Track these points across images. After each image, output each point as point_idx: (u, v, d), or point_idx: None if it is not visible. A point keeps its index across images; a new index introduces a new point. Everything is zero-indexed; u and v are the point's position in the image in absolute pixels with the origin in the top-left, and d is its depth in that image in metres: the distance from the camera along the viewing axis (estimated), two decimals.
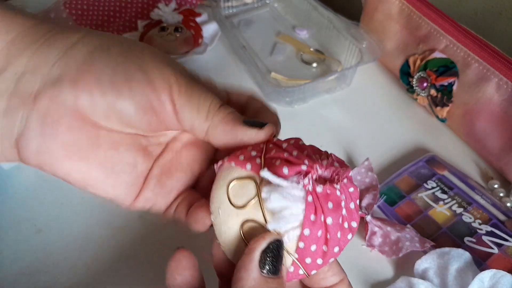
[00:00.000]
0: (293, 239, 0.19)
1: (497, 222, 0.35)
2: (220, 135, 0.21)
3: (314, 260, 0.19)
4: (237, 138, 0.21)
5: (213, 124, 0.21)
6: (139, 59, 0.21)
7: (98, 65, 0.20)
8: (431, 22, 0.42)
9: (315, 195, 0.18)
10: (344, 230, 0.19)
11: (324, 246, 0.19)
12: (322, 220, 0.18)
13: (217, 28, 0.51)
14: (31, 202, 0.36)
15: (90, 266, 0.32)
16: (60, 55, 0.20)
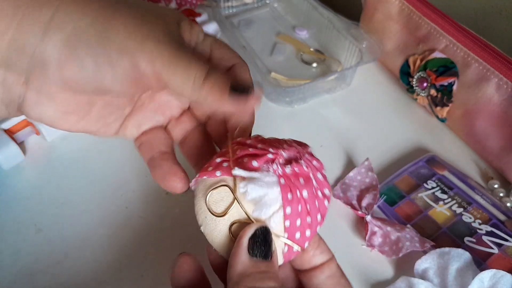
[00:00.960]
0: (278, 221, 0.20)
1: (497, 222, 0.35)
2: (209, 104, 0.22)
3: (303, 233, 0.21)
4: (225, 107, 0.22)
5: (200, 96, 0.22)
6: (118, 38, 0.21)
7: (78, 52, 0.21)
8: (431, 22, 0.42)
9: (286, 176, 0.20)
10: (319, 199, 0.21)
11: (308, 218, 0.21)
12: (299, 195, 0.20)
13: (217, 28, 0.51)
14: (31, 202, 0.36)
15: (90, 266, 0.32)
16: (39, 39, 0.20)
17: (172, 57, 0.22)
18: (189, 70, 0.22)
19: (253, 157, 0.21)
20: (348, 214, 0.36)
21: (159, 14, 0.23)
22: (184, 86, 0.22)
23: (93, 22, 0.21)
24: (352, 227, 0.35)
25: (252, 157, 0.21)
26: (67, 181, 0.37)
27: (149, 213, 0.35)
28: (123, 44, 0.21)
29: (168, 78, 0.22)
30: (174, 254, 0.33)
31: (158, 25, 0.22)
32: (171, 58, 0.21)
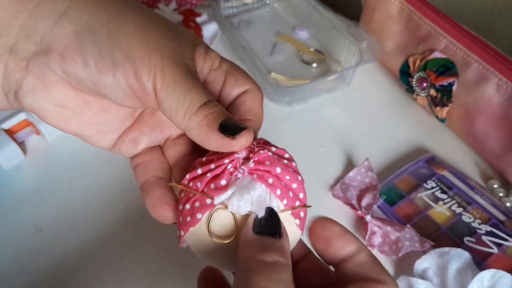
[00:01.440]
0: (277, 206, 0.21)
1: (496, 222, 0.35)
2: (194, 138, 0.22)
3: (298, 198, 0.22)
4: (210, 145, 0.21)
5: (188, 126, 0.21)
6: (126, 44, 0.21)
7: (85, 46, 0.21)
8: (431, 22, 0.42)
9: (254, 169, 0.21)
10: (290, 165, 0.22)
11: (293, 185, 0.22)
12: (275, 174, 0.21)
13: (217, 28, 0.51)
14: (31, 202, 0.36)
15: (90, 265, 0.32)
16: (50, 27, 0.20)
17: (173, 78, 0.21)
18: (186, 97, 0.21)
19: (217, 178, 0.21)
20: (348, 214, 0.36)
21: (176, 33, 0.23)
22: (175, 112, 0.21)
23: (107, 23, 0.21)
24: (352, 227, 0.35)
25: (215, 178, 0.21)
26: (67, 181, 0.37)
27: (149, 213, 0.35)
28: (130, 51, 0.21)
29: (162, 99, 0.21)
30: (175, 253, 0.33)
31: (171, 42, 0.22)
32: (171, 80, 0.21)
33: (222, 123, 0.21)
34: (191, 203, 0.22)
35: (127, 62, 0.21)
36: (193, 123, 0.21)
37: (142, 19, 0.22)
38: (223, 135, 0.21)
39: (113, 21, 0.21)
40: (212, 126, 0.21)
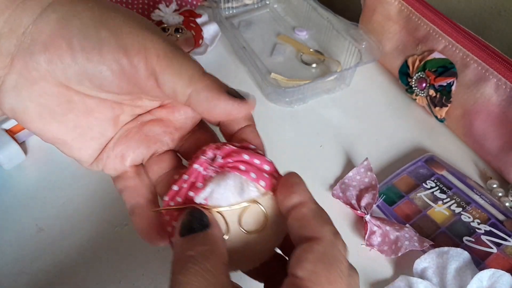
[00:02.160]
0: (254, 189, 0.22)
1: (495, 221, 0.35)
2: (203, 101, 0.21)
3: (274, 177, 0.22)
4: (220, 106, 0.21)
5: (196, 89, 0.21)
6: (112, 24, 0.21)
7: (69, 30, 0.20)
8: (430, 22, 0.42)
9: (224, 164, 0.22)
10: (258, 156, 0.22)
11: (265, 166, 0.22)
12: (244, 161, 0.22)
13: (218, 29, 0.51)
14: (32, 201, 0.36)
15: (91, 265, 0.32)
16: (33, 19, 0.20)
17: (168, 49, 0.21)
18: (189, 64, 0.21)
19: (193, 185, 0.22)
20: (347, 213, 0.36)
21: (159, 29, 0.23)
22: (179, 79, 0.21)
23: (91, 9, 0.21)
24: (351, 226, 0.35)
25: (192, 186, 0.22)
26: (68, 180, 0.37)
27: None
28: (117, 29, 0.20)
29: (160, 69, 0.20)
30: None
31: (155, 27, 0.22)
32: (167, 50, 0.21)
33: (229, 89, 0.21)
34: (176, 220, 0.22)
35: (114, 39, 0.20)
36: (202, 85, 0.21)
37: (126, 11, 0.22)
38: (234, 97, 0.21)
39: (97, 8, 0.21)
40: (222, 89, 0.21)
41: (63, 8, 0.20)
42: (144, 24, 0.21)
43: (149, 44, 0.20)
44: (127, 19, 0.21)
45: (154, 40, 0.21)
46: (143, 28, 0.21)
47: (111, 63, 0.21)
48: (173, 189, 0.22)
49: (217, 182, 0.21)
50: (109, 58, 0.20)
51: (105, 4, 0.21)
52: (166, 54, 0.21)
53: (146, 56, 0.20)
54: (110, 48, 0.20)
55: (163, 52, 0.20)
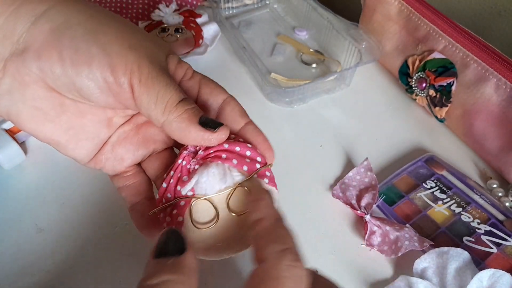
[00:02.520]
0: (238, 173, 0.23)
1: (495, 221, 0.35)
2: (175, 130, 0.22)
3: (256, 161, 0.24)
4: (190, 137, 0.22)
5: (168, 120, 0.22)
6: (104, 40, 0.21)
7: (61, 42, 0.21)
8: (430, 22, 0.42)
9: (205, 156, 0.23)
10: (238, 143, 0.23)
11: (247, 152, 0.23)
12: (225, 149, 0.23)
13: (218, 29, 0.51)
14: (32, 202, 0.36)
15: (91, 265, 0.32)
16: (27, 27, 0.21)
17: (151, 75, 0.21)
18: (165, 92, 0.21)
19: (179, 179, 0.23)
20: (347, 213, 0.36)
21: (151, 39, 0.23)
22: (154, 107, 0.21)
23: (85, 22, 0.21)
24: (351, 226, 0.35)
25: (177, 181, 0.23)
26: (68, 180, 0.37)
27: None
28: (107, 47, 0.21)
29: (140, 94, 0.21)
30: None
31: (147, 44, 0.22)
32: (149, 76, 0.21)
33: (202, 118, 0.22)
34: (170, 215, 0.23)
35: (104, 56, 0.21)
36: (174, 116, 0.22)
37: (120, 23, 0.22)
38: (204, 129, 0.22)
39: (91, 21, 0.21)
40: (193, 120, 0.22)
41: (58, 18, 0.21)
42: (134, 44, 0.22)
43: (134, 67, 0.21)
44: (118, 37, 0.22)
45: (140, 64, 0.21)
46: (132, 49, 0.21)
47: (99, 80, 0.21)
48: (162, 186, 0.23)
49: (200, 172, 0.22)
50: (97, 74, 0.21)
51: (99, 17, 0.22)
52: (147, 80, 0.21)
53: (131, 78, 0.21)
54: (99, 65, 0.21)
55: (144, 78, 0.21)
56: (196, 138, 0.22)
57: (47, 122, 0.23)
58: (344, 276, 0.32)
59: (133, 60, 0.21)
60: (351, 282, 0.32)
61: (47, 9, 0.21)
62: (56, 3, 0.21)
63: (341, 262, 0.33)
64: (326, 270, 0.32)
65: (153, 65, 0.22)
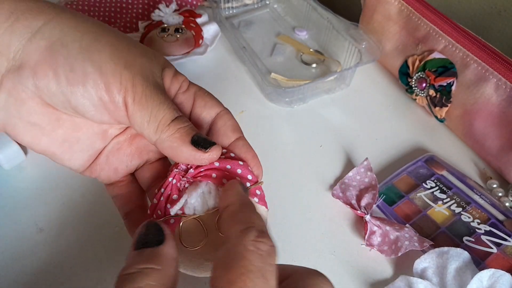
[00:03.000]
0: None
1: (495, 221, 0.35)
2: (166, 150, 0.22)
3: (247, 179, 0.23)
4: (182, 156, 0.22)
5: (160, 139, 0.22)
6: (99, 58, 0.21)
7: (56, 60, 0.21)
8: (430, 22, 0.42)
9: (196, 175, 0.23)
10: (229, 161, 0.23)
11: (238, 170, 0.23)
12: (215, 168, 0.23)
13: (218, 29, 0.51)
14: (33, 202, 0.36)
15: (92, 265, 0.32)
16: (23, 44, 0.21)
17: (144, 94, 0.22)
18: (158, 112, 0.22)
19: (169, 199, 0.23)
20: (347, 213, 0.36)
21: (147, 54, 0.23)
22: (147, 126, 0.22)
23: (80, 40, 0.21)
24: (351, 226, 0.35)
25: (167, 199, 0.23)
26: (68, 180, 0.37)
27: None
28: (102, 65, 0.21)
29: (134, 112, 0.22)
30: None
31: (141, 61, 0.23)
32: (143, 94, 0.22)
33: (194, 137, 0.22)
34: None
35: (98, 75, 0.21)
36: (166, 136, 0.22)
37: (115, 39, 0.22)
38: (196, 148, 0.22)
39: (86, 38, 0.22)
40: (185, 140, 0.22)
41: (53, 35, 0.21)
42: (129, 61, 0.22)
43: (129, 86, 0.21)
44: (113, 54, 0.22)
45: (135, 82, 0.22)
46: (127, 67, 0.22)
47: (94, 98, 0.22)
48: (153, 202, 0.23)
49: (189, 192, 0.22)
50: (92, 93, 0.21)
51: (94, 32, 0.22)
52: (141, 99, 0.22)
53: (125, 96, 0.22)
54: (94, 84, 0.21)
55: (138, 96, 0.22)
56: (188, 157, 0.22)
57: (43, 136, 0.23)
58: (344, 276, 0.32)
59: (128, 78, 0.21)
60: (351, 282, 0.32)
61: (42, 25, 0.21)
62: (51, 18, 0.21)
63: (341, 262, 0.33)
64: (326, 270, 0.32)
65: (147, 83, 0.22)
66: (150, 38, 0.48)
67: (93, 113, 0.22)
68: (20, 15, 0.21)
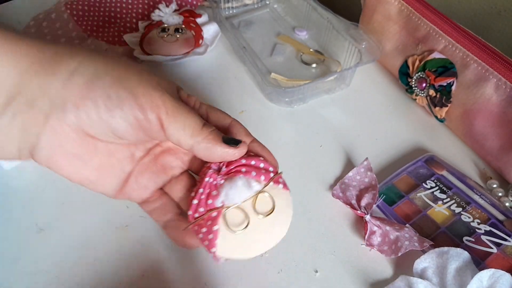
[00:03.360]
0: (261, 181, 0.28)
1: (495, 221, 0.35)
2: (203, 150, 0.26)
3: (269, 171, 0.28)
4: (217, 154, 0.26)
5: (196, 142, 0.26)
6: (129, 85, 0.25)
7: (94, 91, 0.24)
8: (430, 22, 0.42)
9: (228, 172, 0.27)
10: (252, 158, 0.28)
11: (261, 164, 0.28)
12: (243, 164, 0.27)
13: (218, 29, 0.51)
14: (33, 202, 0.36)
15: (91, 265, 0.32)
16: (63, 83, 0.24)
17: (175, 107, 0.25)
18: (190, 120, 0.26)
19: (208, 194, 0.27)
20: (347, 213, 0.36)
21: (165, 80, 0.27)
22: (183, 133, 0.25)
23: (110, 70, 0.25)
24: (351, 226, 0.35)
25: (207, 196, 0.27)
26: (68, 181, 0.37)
27: None
28: (133, 89, 0.25)
29: (168, 124, 0.25)
30: (175, 253, 0.33)
31: (163, 84, 0.27)
32: (174, 108, 0.25)
33: (224, 138, 0.26)
34: (205, 226, 0.27)
35: (132, 98, 0.25)
36: (201, 138, 0.26)
37: (139, 70, 0.26)
38: (228, 146, 0.26)
39: (116, 70, 0.25)
40: (218, 140, 0.26)
41: (88, 72, 0.24)
42: (155, 84, 0.26)
43: (160, 103, 0.25)
44: (140, 80, 0.25)
45: (164, 99, 0.25)
46: (154, 89, 0.25)
47: (131, 118, 0.25)
48: (194, 203, 0.27)
49: (228, 186, 0.27)
50: (129, 114, 0.25)
51: (121, 67, 0.26)
52: (173, 111, 0.25)
53: (158, 112, 0.25)
54: (129, 107, 0.25)
55: (171, 109, 0.25)
56: (222, 154, 0.26)
57: (82, 165, 0.27)
58: (344, 276, 0.32)
59: (157, 97, 0.25)
60: (351, 282, 0.32)
61: (77, 65, 0.24)
62: (83, 59, 0.25)
63: (341, 262, 0.33)
64: (326, 270, 0.32)
65: (174, 98, 0.26)
66: (150, 38, 0.48)
67: (131, 133, 0.26)
68: (57, 59, 0.24)
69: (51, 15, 0.54)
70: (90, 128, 0.25)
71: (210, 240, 0.26)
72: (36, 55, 0.24)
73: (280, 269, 0.32)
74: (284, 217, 0.28)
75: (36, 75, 0.24)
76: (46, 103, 0.24)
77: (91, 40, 0.52)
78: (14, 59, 0.23)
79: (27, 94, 0.24)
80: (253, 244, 0.27)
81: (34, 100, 0.24)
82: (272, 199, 0.27)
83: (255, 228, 0.27)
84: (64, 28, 0.53)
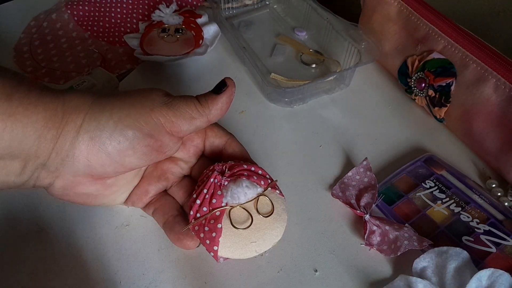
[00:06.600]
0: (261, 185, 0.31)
1: (495, 221, 0.35)
2: (216, 116, 0.30)
3: (266, 178, 0.31)
4: (222, 103, 0.30)
5: (210, 113, 0.29)
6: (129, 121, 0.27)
7: (102, 142, 0.26)
8: (429, 23, 0.42)
9: (232, 175, 0.30)
10: (251, 165, 0.31)
11: (259, 171, 0.32)
12: (245, 169, 0.31)
13: (218, 29, 0.51)
14: (33, 201, 0.36)
15: (92, 265, 0.32)
16: (71, 142, 0.26)
17: (174, 109, 0.28)
18: (190, 106, 0.29)
19: (212, 195, 0.29)
20: (347, 213, 0.36)
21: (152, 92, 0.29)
22: (197, 117, 0.29)
23: (111, 115, 0.27)
24: (351, 226, 0.35)
25: (211, 196, 0.29)
26: None
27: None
28: (137, 124, 0.27)
29: (180, 125, 0.28)
30: (175, 253, 0.33)
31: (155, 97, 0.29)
32: (175, 111, 0.28)
33: (212, 90, 0.30)
34: (208, 225, 0.28)
35: (139, 132, 0.27)
36: (204, 103, 0.29)
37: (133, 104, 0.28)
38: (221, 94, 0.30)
39: (114, 113, 0.27)
40: (213, 95, 0.30)
41: (91, 126, 0.26)
42: (151, 106, 0.28)
43: (163, 120, 0.28)
44: (138, 113, 0.27)
45: (163, 112, 0.28)
46: (153, 111, 0.27)
47: (144, 150, 0.28)
48: (197, 203, 0.29)
49: (234, 187, 0.29)
50: (141, 146, 0.27)
51: (118, 108, 0.27)
52: (175, 113, 0.28)
53: (165, 127, 0.28)
54: (140, 141, 0.27)
55: (172, 114, 0.28)
56: (225, 99, 0.30)
57: (96, 198, 0.30)
58: (344, 276, 0.32)
59: (158, 116, 0.28)
60: (351, 282, 0.32)
61: (82, 121, 0.26)
62: (85, 113, 0.26)
63: (340, 262, 0.33)
64: (325, 269, 0.32)
65: (168, 105, 0.28)
66: (150, 39, 0.48)
67: (144, 160, 0.28)
68: (68, 118, 0.26)
69: (52, 15, 0.54)
70: (103, 173, 0.28)
71: (213, 238, 0.27)
72: (51, 118, 0.25)
73: (279, 268, 0.32)
74: (280, 218, 0.30)
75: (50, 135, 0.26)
76: (58, 161, 0.26)
77: (92, 40, 0.52)
78: (34, 126, 0.25)
79: (43, 156, 0.26)
80: (252, 244, 0.28)
81: (48, 160, 0.26)
82: (271, 202, 0.30)
83: (256, 228, 0.28)
84: (64, 28, 0.53)
